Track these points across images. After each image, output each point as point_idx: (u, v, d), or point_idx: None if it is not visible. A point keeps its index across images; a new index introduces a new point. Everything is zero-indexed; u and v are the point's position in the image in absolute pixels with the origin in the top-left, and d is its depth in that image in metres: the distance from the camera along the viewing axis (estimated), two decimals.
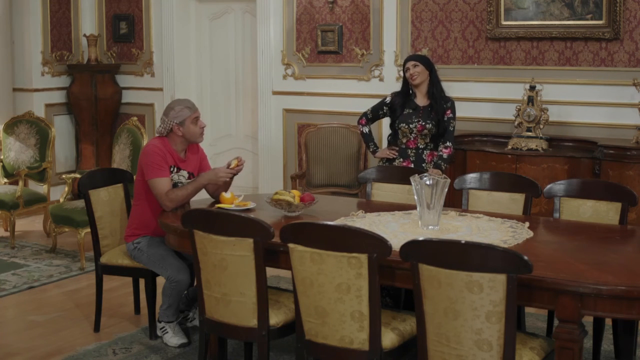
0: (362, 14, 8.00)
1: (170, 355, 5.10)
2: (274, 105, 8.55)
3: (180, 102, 5.27)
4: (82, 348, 5.21)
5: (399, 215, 4.76)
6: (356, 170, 7.71)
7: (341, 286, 3.77)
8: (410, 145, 6.07)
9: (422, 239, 3.63)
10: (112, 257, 5.43)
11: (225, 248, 4.11)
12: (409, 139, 6.05)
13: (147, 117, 9.36)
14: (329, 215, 4.66)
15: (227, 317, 4.26)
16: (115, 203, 5.60)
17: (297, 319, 4.03)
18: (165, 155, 5.13)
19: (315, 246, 3.78)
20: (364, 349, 3.82)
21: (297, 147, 8.33)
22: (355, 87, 8.11)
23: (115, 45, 9.66)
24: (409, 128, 6.00)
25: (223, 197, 5.09)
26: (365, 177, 5.68)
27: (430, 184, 4.31)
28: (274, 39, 8.49)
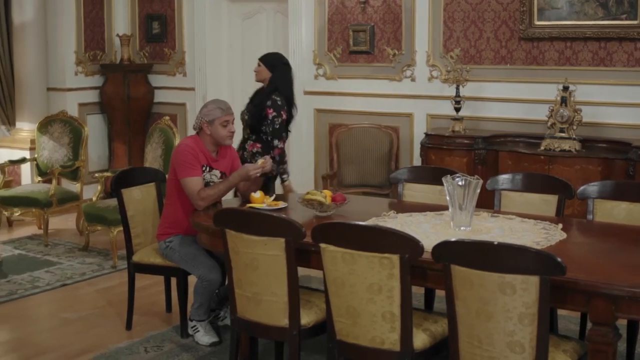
0: (394, 14, 7.98)
1: (202, 353, 5.12)
2: (306, 105, 8.54)
3: (216, 102, 5.30)
4: (114, 346, 5.24)
5: (430, 216, 4.75)
6: (387, 171, 7.69)
7: (373, 286, 3.76)
8: (244, 135, 6.28)
9: (454, 239, 3.63)
10: (144, 256, 5.46)
11: (257, 247, 4.12)
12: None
13: (179, 116, 9.40)
14: (360, 216, 4.65)
15: (259, 316, 4.27)
16: (147, 202, 5.63)
17: (328, 319, 4.03)
18: (198, 155, 5.15)
19: (347, 246, 3.78)
20: (395, 350, 3.82)
21: (329, 147, 8.33)
22: (386, 87, 8.09)
23: (147, 45, 9.72)
24: (241, 115, 6.29)
25: (253, 197, 5.10)
26: (396, 177, 5.66)
27: (463, 184, 4.29)
28: (306, 39, 8.50)
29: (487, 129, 7.43)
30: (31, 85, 9.08)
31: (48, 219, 7.83)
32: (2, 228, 7.76)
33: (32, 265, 7.08)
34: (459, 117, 7.35)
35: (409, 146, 7.95)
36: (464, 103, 7.38)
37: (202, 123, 5.20)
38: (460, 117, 7.35)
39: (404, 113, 7.98)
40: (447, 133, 7.30)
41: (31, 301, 6.22)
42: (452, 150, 7.18)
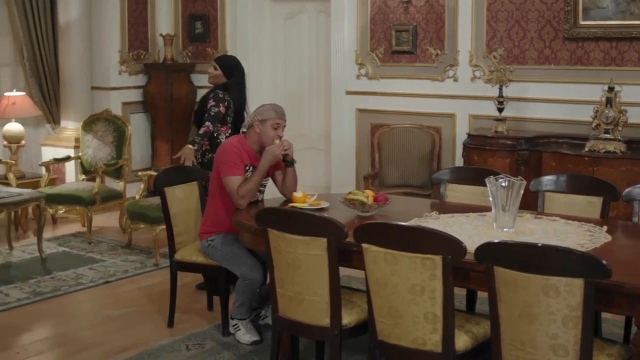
0: (437, 14, 7.94)
1: (243, 352, 5.14)
2: (347, 105, 8.55)
3: (273, 105, 5.35)
4: (156, 343, 5.28)
5: (473, 217, 4.72)
6: (429, 171, 7.66)
7: (415, 287, 3.75)
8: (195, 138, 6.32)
9: (497, 241, 3.60)
10: (186, 254, 5.50)
11: (299, 247, 4.12)
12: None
13: None
14: (402, 216, 4.64)
15: (300, 315, 4.27)
16: (190, 200, 5.67)
17: (369, 319, 4.02)
18: (241, 154, 5.17)
19: (389, 247, 3.77)
20: (437, 351, 3.80)
21: (370, 147, 8.31)
22: (429, 87, 8.06)
23: (190, 44, 9.78)
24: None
25: (295, 197, 5.10)
26: (439, 178, 5.63)
27: (506, 185, 4.26)
28: (348, 38, 8.49)
29: (531, 129, 7.37)
30: (76, 84, 9.18)
31: (92, 217, 7.91)
32: (47, 225, 7.85)
33: (75, 262, 7.16)
34: (502, 118, 7.30)
35: (451, 147, 7.91)
36: (507, 103, 7.32)
37: (254, 121, 5.22)
38: (503, 118, 7.30)
39: (446, 113, 7.95)
40: (489, 134, 7.25)
41: (74, 298, 6.29)
42: (494, 151, 7.13)
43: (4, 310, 5.95)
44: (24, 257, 7.36)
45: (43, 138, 9.43)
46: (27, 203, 7.27)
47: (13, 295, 6.27)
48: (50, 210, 7.92)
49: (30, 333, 5.56)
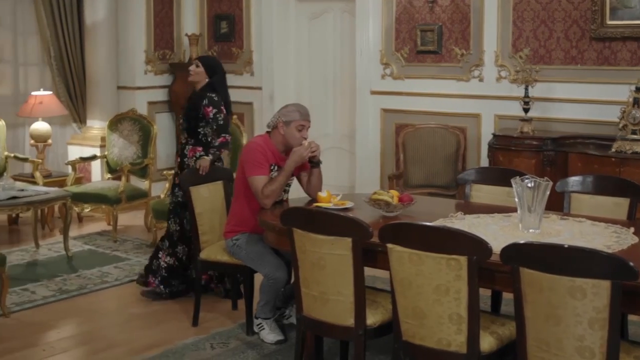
0: (462, 14, 7.92)
1: (267, 351, 5.14)
2: (372, 105, 8.54)
3: (296, 106, 5.34)
4: (180, 342, 5.30)
5: (498, 218, 4.70)
6: (454, 171, 7.64)
7: (440, 288, 3.74)
8: (181, 141, 6.18)
9: (523, 242, 3.59)
10: (211, 253, 5.51)
11: (324, 247, 4.12)
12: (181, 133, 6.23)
13: (245, 115, 9.46)
14: (427, 216, 4.62)
15: (324, 315, 4.28)
16: (215, 200, 5.69)
17: (394, 319, 4.02)
18: (267, 153, 5.18)
19: (414, 247, 3.76)
20: (462, 352, 3.79)
21: (395, 147, 8.30)
22: (454, 87, 8.03)
23: (215, 44, 9.81)
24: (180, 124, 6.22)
25: (320, 197, 5.10)
26: (464, 178, 5.61)
27: (532, 186, 4.24)
28: (373, 38, 8.49)
29: (557, 130, 7.33)
30: (102, 84, 9.24)
31: (117, 216, 7.96)
32: (73, 224, 7.90)
33: (101, 260, 7.21)
34: (528, 118, 7.26)
35: (476, 147, 7.88)
36: (533, 104, 7.28)
37: (279, 122, 5.23)
38: (529, 118, 7.26)
39: (471, 113, 7.92)
40: (515, 134, 7.21)
41: (100, 296, 6.32)
42: (520, 152, 7.10)
43: (31, 307, 6.00)
44: (50, 255, 7.41)
45: (69, 137, 9.49)
46: (54, 202, 7.33)
47: (39, 292, 6.32)
48: (76, 208, 7.97)
49: (56, 330, 5.60)
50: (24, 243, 7.82)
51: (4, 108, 8.88)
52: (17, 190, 7.08)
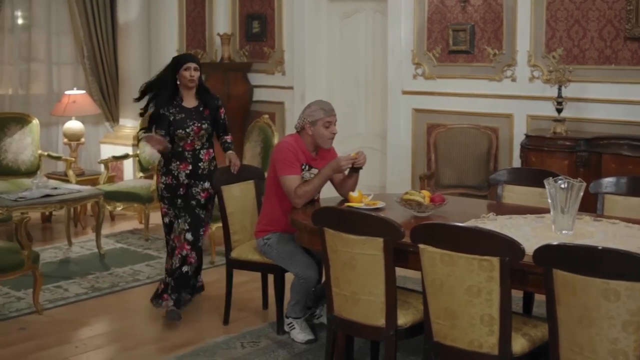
0: (495, 13, 7.87)
1: (297, 351, 5.15)
2: (404, 105, 8.52)
3: (319, 103, 5.31)
4: (211, 340, 5.32)
5: (531, 219, 4.66)
6: (486, 172, 7.60)
7: (472, 289, 3.72)
8: (187, 148, 5.72)
9: (556, 243, 3.55)
10: (242, 252, 5.53)
11: (355, 247, 4.12)
12: (185, 142, 5.70)
13: (277, 115, 9.48)
14: (459, 217, 4.60)
15: (355, 315, 4.27)
16: (246, 199, 5.70)
17: (425, 320, 4.00)
18: (298, 153, 5.18)
19: (446, 247, 3.75)
20: (494, 354, 3.76)
21: (427, 147, 8.27)
22: (486, 87, 7.99)
23: (247, 44, 9.83)
24: (186, 132, 5.67)
25: (351, 196, 5.10)
26: (496, 178, 5.59)
27: (565, 187, 4.21)
28: (405, 38, 8.47)
29: (590, 130, 7.26)
30: (134, 83, 9.24)
31: (149, 214, 8.00)
32: (105, 222, 7.96)
33: (133, 258, 7.26)
34: (561, 119, 7.20)
35: (508, 147, 7.83)
36: (566, 104, 7.22)
37: (305, 123, 5.23)
38: (562, 119, 7.20)
39: (503, 114, 7.87)
40: (548, 134, 7.16)
41: (132, 294, 6.36)
42: (553, 152, 7.04)
43: (63, 304, 6.06)
44: (82, 253, 7.48)
45: (102, 136, 9.57)
46: (86, 200, 7.39)
47: (72, 290, 6.37)
48: (108, 207, 8.02)
49: (89, 328, 5.65)
50: (57, 241, 7.89)
51: (38, 107, 8.98)
52: (50, 189, 7.16)
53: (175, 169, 5.72)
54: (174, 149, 5.70)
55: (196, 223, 5.69)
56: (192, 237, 5.66)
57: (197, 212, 5.71)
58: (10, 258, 5.67)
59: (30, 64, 9.09)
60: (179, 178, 5.71)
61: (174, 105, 5.70)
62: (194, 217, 5.69)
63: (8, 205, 6.66)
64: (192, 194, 5.72)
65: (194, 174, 5.72)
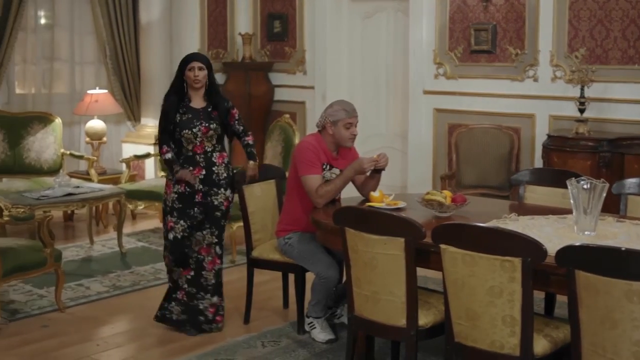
0: (517, 13, 7.84)
1: (318, 350, 5.15)
2: (425, 105, 8.50)
3: (341, 103, 5.31)
4: (232, 339, 5.33)
5: (553, 219, 4.64)
6: (507, 172, 7.57)
7: (493, 289, 3.71)
8: (198, 151, 5.35)
9: (578, 244, 3.53)
10: (263, 252, 5.54)
11: (376, 246, 4.11)
12: (194, 144, 5.34)
13: (298, 114, 9.48)
14: (480, 217, 4.59)
15: (376, 315, 4.27)
16: (267, 198, 5.71)
17: (446, 320, 3.99)
18: (319, 153, 5.18)
19: (468, 248, 3.74)
20: (515, 355, 3.75)
21: (448, 147, 8.25)
22: (508, 87, 7.96)
23: (269, 43, 9.85)
24: (193, 133, 5.31)
25: (373, 196, 5.09)
26: (518, 179, 5.57)
27: (588, 188, 4.18)
28: (426, 37, 8.45)
29: (613, 131, 7.21)
30: (156, 82, 9.32)
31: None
32: (127, 221, 7.99)
33: (154, 257, 7.27)
34: (583, 119, 7.16)
35: (530, 147, 7.80)
36: (589, 104, 7.18)
37: (326, 123, 5.22)
38: (585, 119, 7.16)
39: (525, 114, 7.84)
40: (570, 135, 7.12)
41: (153, 292, 6.38)
42: (575, 153, 7.00)
43: (85, 302, 6.09)
44: (104, 251, 7.51)
45: (124, 135, 9.61)
46: (108, 199, 7.42)
47: (94, 288, 6.41)
48: (130, 206, 8.05)
49: (110, 326, 5.67)
50: (79, 239, 7.93)
51: (60, 106, 9.02)
52: (72, 187, 7.20)
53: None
54: (184, 153, 5.38)
55: (222, 235, 5.49)
56: (220, 251, 5.47)
57: (222, 224, 5.45)
58: (33, 256, 5.71)
59: (53, 63, 9.14)
60: (193, 185, 5.36)
61: (182, 106, 5.40)
62: (220, 229, 5.43)
63: (31, 204, 6.70)
64: (213, 204, 5.37)
65: (209, 180, 5.37)
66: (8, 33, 8.30)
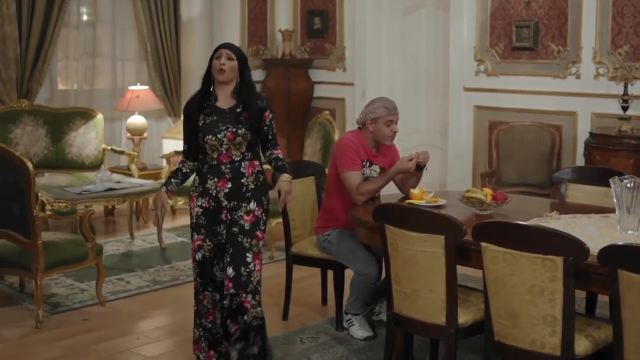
0: (560, 9, 7.76)
1: (356, 347, 5.14)
2: (465, 102, 8.45)
3: (382, 100, 5.29)
4: (271, 335, 5.28)
5: (595, 218, 4.59)
6: (548, 170, 7.50)
7: (534, 288, 3.67)
8: (223, 160, 4.49)
9: (621, 243, 3.49)
10: (302, 248, 5.54)
11: (416, 244, 4.10)
12: (220, 152, 4.48)
13: (337, 111, 9.48)
14: (521, 215, 4.54)
15: (415, 313, 4.25)
16: (306, 195, 5.71)
17: (486, 319, 3.97)
18: (359, 149, 5.17)
19: (509, 246, 3.71)
20: (556, 354, 3.71)
21: (488, 144, 8.20)
22: (550, 84, 7.88)
23: (308, 40, 9.85)
24: (218, 139, 4.44)
25: (412, 193, 5.08)
26: (559, 177, 5.51)
27: (631, 186, 4.13)
28: (467, 34, 8.39)
29: None
30: (196, 79, 9.23)
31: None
32: (167, 216, 8.03)
33: None
34: (627, 117, 7.07)
35: (571, 145, 7.72)
36: (632, 102, 7.08)
37: (367, 119, 5.21)
38: (628, 117, 7.06)
39: (567, 111, 7.76)
40: (613, 133, 7.03)
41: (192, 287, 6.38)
42: (618, 151, 6.92)
43: (125, 297, 6.14)
44: (144, 246, 7.57)
45: (164, 131, 9.67)
46: (148, 194, 7.46)
47: (134, 283, 6.46)
48: (170, 201, 8.08)
49: (150, 320, 5.71)
50: (120, 234, 8.00)
51: (102, 102, 9.10)
52: (113, 182, 7.25)
53: (212, 187, 4.52)
54: (208, 161, 4.54)
55: (240, 254, 4.46)
56: (233, 272, 4.44)
57: (239, 240, 4.47)
58: (75, 250, 5.77)
59: (95, 59, 9.22)
60: (218, 199, 4.52)
61: (207, 106, 4.53)
62: (235, 246, 4.47)
63: (72, 199, 6.77)
64: (234, 220, 4.52)
65: (235, 193, 4.51)
66: (51, 29, 8.38)
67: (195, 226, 4.59)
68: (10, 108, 7.98)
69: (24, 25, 8.18)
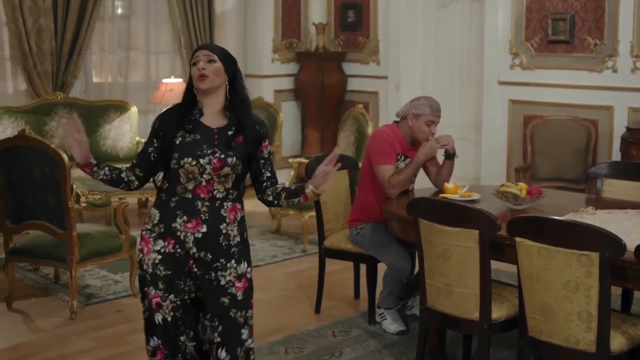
0: (596, 2, 7.67)
1: (388, 341, 5.13)
2: (500, 96, 8.39)
3: (428, 99, 5.28)
4: (303, 328, 5.34)
5: (632, 214, 4.53)
6: (584, 165, 7.42)
7: (569, 284, 3.64)
8: (201, 194, 3.48)
9: None
10: (335, 241, 5.53)
11: (450, 238, 4.07)
12: (198, 183, 3.47)
13: (371, 105, 9.45)
14: (556, 210, 4.50)
15: (449, 307, 4.23)
16: (340, 188, 5.69)
17: (520, 314, 3.94)
18: (394, 143, 5.16)
19: (544, 241, 3.67)
20: (591, 351, 3.67)
21: (522, 139, 8.13)
22: (586, 78, 7.79)
23: (342, 33, 9.82)
24: (199, 166, 3.43)
25: (446, 188, 5.06)
26: (595, 172, 5.46)
27: None
28: (502, 27, 8.33)
29: None
30: None
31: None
32: None
33: None
34: None
35: (607, 140, 7.63)
36: None
37: (409, 114, 5.20)
38: None
39: (603, 105, 7.67)
40: None
41: None
42: None
43: None
44: None
45: None
46: None
47: None
48: None
49: None
50: None
51: (136, 95, 9.14)
52: None
53: (180, 227, 3.48)
54: (178, 193, 3.49)
55: (234, 333, 3.57)
56: (227, 356, 3.55)
57: (232, 315, 3.55)
58: (109, 242, 5.80)
59: (129, 52, 9.26)
60: (185, 244, 3.49)
61: (188, 121, 3.51)
62: (227, 323, 3.55)
63: (107, 191, 6.79)
64: (219, 285, 3.52)
65: (209, 242, 3.49)
66: (86, 23, 8.43)
67: (151, 278, 3.51)
68: (46, 100, 8.04)
69: (60, 18, 8.23)
